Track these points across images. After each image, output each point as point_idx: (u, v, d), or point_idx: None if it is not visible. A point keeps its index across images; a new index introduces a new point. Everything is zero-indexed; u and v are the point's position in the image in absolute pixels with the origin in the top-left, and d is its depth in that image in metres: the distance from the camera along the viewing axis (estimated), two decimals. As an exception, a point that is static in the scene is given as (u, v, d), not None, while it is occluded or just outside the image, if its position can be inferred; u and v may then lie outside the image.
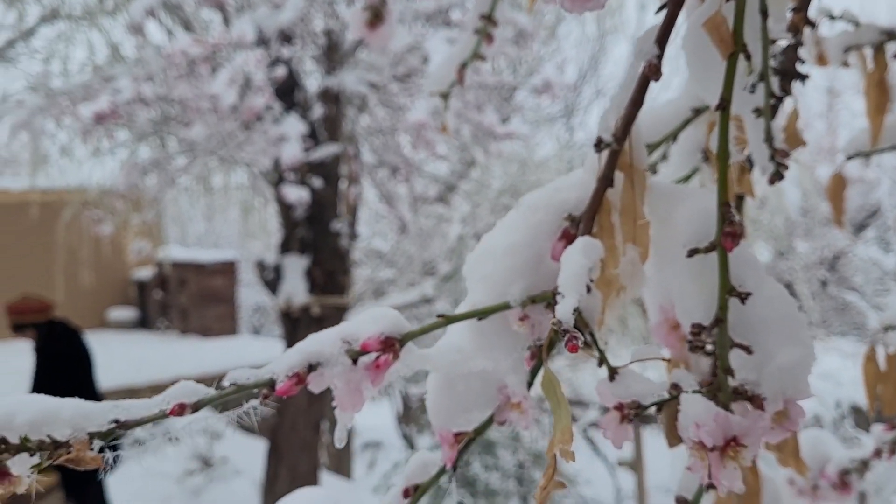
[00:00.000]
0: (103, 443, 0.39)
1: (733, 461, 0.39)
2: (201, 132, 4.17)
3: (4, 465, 0.38)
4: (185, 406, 0.40)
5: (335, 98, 4.69)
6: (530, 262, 0.43)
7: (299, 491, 0.54)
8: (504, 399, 0.45)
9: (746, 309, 0.41)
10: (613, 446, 0.43)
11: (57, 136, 5.47)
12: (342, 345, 0.42)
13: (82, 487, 4.30)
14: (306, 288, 4.84)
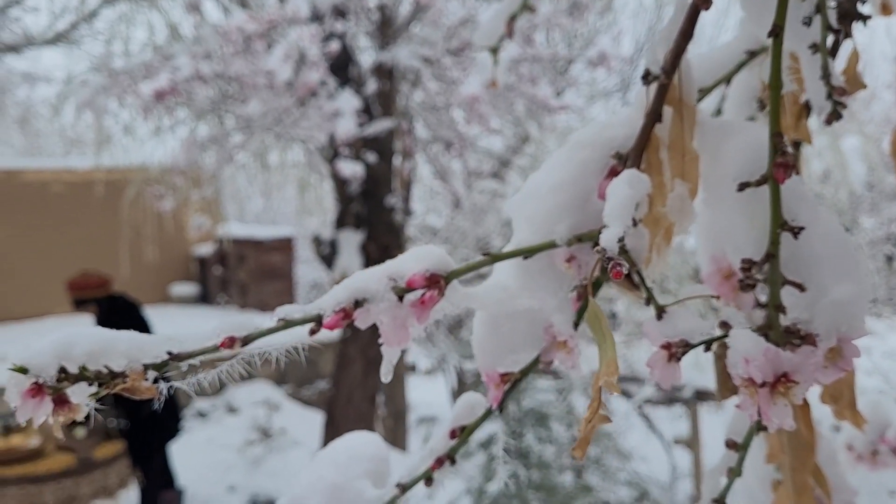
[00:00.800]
0: (157, 374, 0.40)
1: (784, 398, 0.39)
2: (257, 108, 4.23)
3: (64, 393, 0.39)
4: (234, 339, 0.41)
5: (389, 73, 4.69)
6: (577, 201, 0.43)
7: (351, 434, 0.55)
8: (550, 339, 0.45)
9: (799, 245, 0.40)
10: (661, 386, 0.43)
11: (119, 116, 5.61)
12: (388, 281, 0.42)
13: (148, 456, 4.44)
14: (361, 262, 4.89)
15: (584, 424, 0.40)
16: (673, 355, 0.42)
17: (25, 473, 3.95)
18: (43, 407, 0.40)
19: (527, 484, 3.06)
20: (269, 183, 8.87)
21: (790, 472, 0.62)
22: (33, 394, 0.40)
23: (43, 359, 0.39)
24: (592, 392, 0.40)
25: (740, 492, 0.77)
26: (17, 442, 4.18)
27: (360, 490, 0.52)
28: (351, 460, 0.54)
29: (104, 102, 4.87)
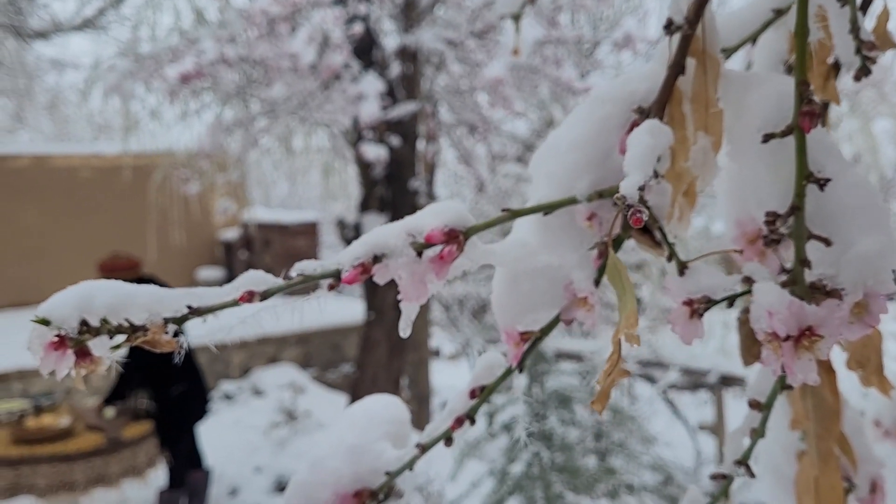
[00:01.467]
0: (177, 327, 0.41)
1: (808, 352, 0.38)
2: (282, 92, 4.24)
3: (86, 345, 0.40)
4: (253, 293, 0.41)
5: (413, 56, 4.68)
6: (598, 157, 0.42)
7: (371, 396, 0.55)
8: (570, 296, 0.44)
9: (825, 197, 0.40)
10: (683, 342, 0.42)
11: (146, 100, 5.65)
12: (407, 237, 0.42)
13: (176, 436, 4.50)
14: (385, 246, 4.90)
15: (604, 377, 0.40)
16: (695, 311, 0.42)
17: (56, 452, 4.02)
18: (65, 359, 0.40)
19: (550, 466, 3.06)
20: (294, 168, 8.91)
21: (815, 440, 0.62)
22: (56, 346, 0.40)
23: (64, 311, 0.39)
24: (612, 344, 0.40)
25: (765, 463, 0.76)
26: (48, 421, 4.26)
27: (380, 451, 0.52)
28: (371, 422, 0.54)
29: (131, 87, 4.91)
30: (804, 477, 0.64)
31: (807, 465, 0.63)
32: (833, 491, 0.63)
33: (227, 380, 7.22)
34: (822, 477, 0.62)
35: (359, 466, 0.52)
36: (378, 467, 0.51)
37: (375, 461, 0.52)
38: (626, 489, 3.32)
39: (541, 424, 3.13)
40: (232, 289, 0.41)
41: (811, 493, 0.64)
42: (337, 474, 0.52)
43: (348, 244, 1.98)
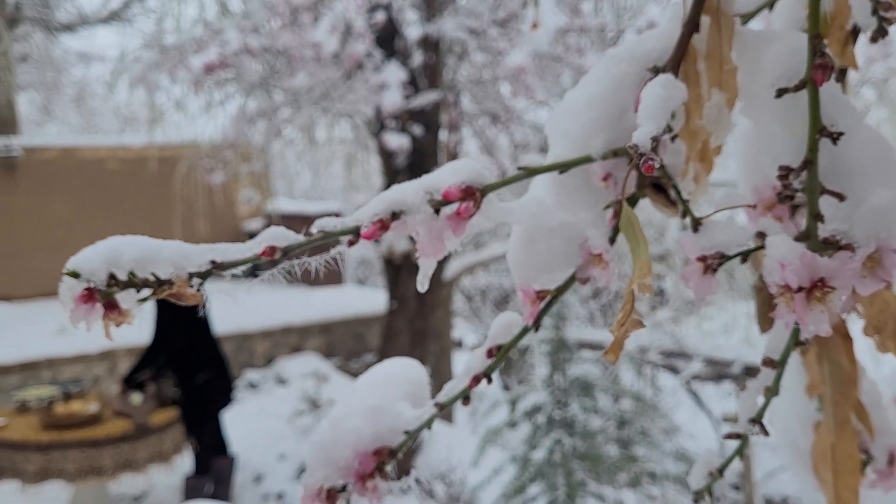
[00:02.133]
0: (201, 280, 0.42)
1: (820, 304, 0.38)
2: (304, 81, 4.26)
3: (114, 298, 0.41)
4: (275, 249, 0.42)
5: (435, 45, 4.68)
6: (613, 115, 0.43)
7: (390, 360, 0.56)
8: (585, 255, 0.45)
9: (838, 152, 0.40)
10: (696, 298, 0.43)
11: (171, 91, 5.71)
12: (424, 194, 0.43)
13: (201, 423, 4.56)
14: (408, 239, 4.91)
15: (617, 327, 0.41)
16: (709, 267, 0.42)
17: (85, 437, 4.09)
18: (94, 312, 0.41)
19: (571, 453, 3.07)
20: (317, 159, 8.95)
21: (831, 406, 0.62)
22: (85, 299, 0.41)
23: (93, 264, 0.41)
24: (625, 294, 0.40)
25: (783, 436, 0.76)
26: (76, 408, 4.33)
27: (399, 411, 0.53)
28: (390, 383, 0.55)
29: (156, 78, 4.96)
30: (820, 446, 0.64)
31: (823, 432, 0.63)
32: (850, 459, 0.63)
33: (251, 369, 7.29)
34: (838, 444, 0.62)
35: (378, 425, 0.53)
36: (397, 426, 0.52)
37: (395, 420, 0.53)
38: (648, 477, 3.32)
39: (563, 412, 3.14)
40: (254, 244, 0.42)
41: (827, 462, 0.64)
42: (357, 433, 0.53)
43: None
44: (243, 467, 5.20)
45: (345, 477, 0.53)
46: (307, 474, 0.54)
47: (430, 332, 5.62)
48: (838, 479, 0.66)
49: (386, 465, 0.53)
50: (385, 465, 0.53)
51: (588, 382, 3.13)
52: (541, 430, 3.11)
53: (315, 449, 0.55)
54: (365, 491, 0.53)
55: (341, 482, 0.53)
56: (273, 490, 5.00)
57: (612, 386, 3.28)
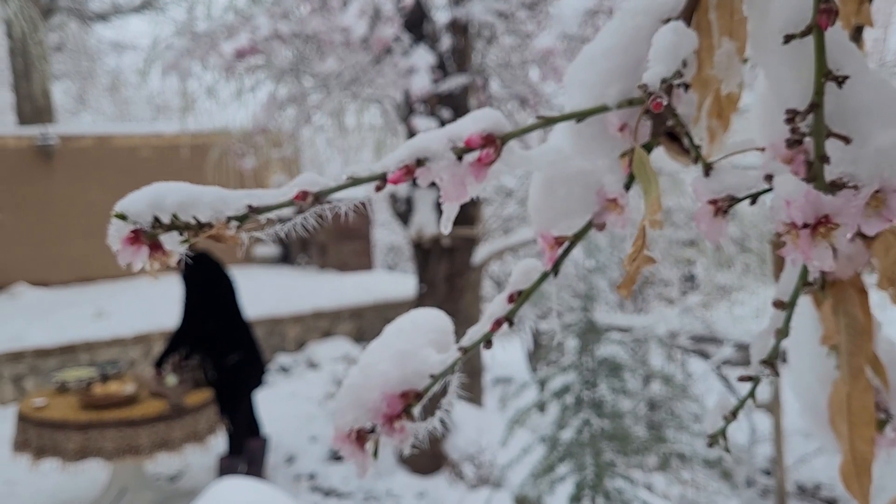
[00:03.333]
0: (239, 223, 0.45)
1: (825, 240, 0.40)
2: (334, 66, 4.29)
3: (158, 239, 0.44)
4: (307, 193, 0.45)
5: (463, 29, 4.69)
6: (628, 66, 0.45)
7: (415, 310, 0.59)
8: (602, 201, 0.47)
9: (844, 95, 0.41)
10: (708, 241, 0.44)
11: (203, 78, 5.78)
12: (448, 142, 0.45)
13: (234, 404, 4.64)
14: (437, 219, 4.94)
15: (629, 262, 0.43)
16: (719, 209, 0.44)
17: (122, 417, 4.19)
18: (140, 253, 0.44)
19: (600, 433, 3.08)
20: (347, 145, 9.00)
21: (846, 357, 0.63)
22: (131, 241, 0.44)
23: (138, 207, 0.44)
24: (637, 230, 0.42)
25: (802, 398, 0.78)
26: (114, 388, 4.43)
27: (425, 356, 0.56)
28: (416, 330, 0.58)
29: (188, 65, 5.02)
30: (836, 398, 0.65)
31: (839, 385, 0.65)
32: (864, 410, 0.65)
33: (283, 353, 7.39)
34: (852, 394, 0.64)
35: (405, 370, 0.56)
36: (423, 370, 0.55)
37: (421, 365, 0.55)
38: (677, 458, 3.32)
39: (591, 392, 3.15)
40: (287, 189, 0.45)
41: (843, 414, 0.66)
42: (385, 377, 0.56)
43: (400, 217, 2.09)
44: (276, 449, 5.29)
45: (373, 419, 0.56)
46: (337, 416, 0.56)
47: (460, 315, 5.65)
48: (853, 430, 0.67)
49: (412, 408, 0.56)
50: (412, 408, 0.56)
51: (616, 363, 3.14)
52: (569, 411, 3.13)
53: (345, 392, 0.57)
54: (392, 432, 0.56)
55: (370, 424, 0.56)
56: (305, 471, 5.08)
57: (641, 367, 3.29)
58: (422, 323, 0.59)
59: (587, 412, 3.10)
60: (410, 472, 4.96)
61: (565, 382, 3.22)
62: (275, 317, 7.34)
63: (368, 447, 0.58)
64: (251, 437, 4.79)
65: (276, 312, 7.35)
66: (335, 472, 5.04)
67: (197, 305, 4.55)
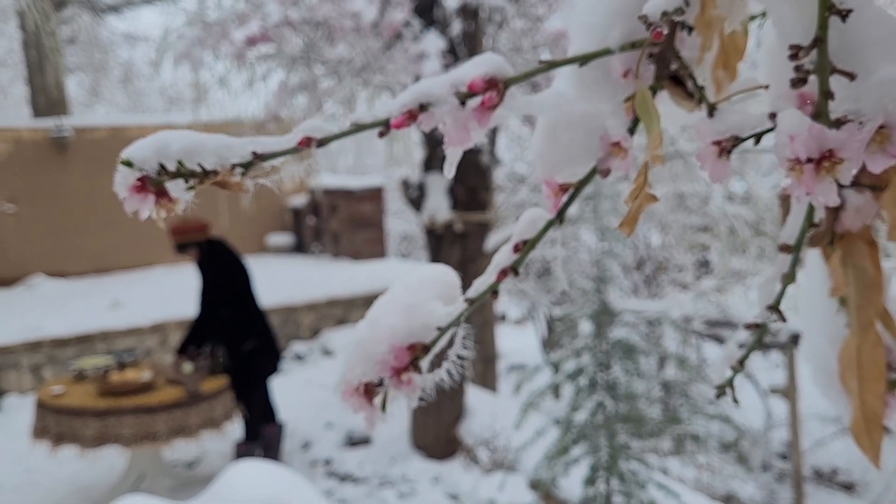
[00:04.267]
0: (244, 170, 0.45)
1: (829, 174, 0.40)
2: (344, 52, 4.29)
3: (163, 186, 0.44)
4: (311, 139, 0.45)
5: (474, 13, 4.67)
6: (630, 7, 0.45)
7: (422, 265, 0.59)
8: (605, 146, 0.47)
9: (848, 30, 0.41)
10: (711, 181, 0.44)
11: (214, 68, 5.79)
12: (451, 87, 0.45)
13: (250, 390, 4.67)
14: (449, 205, 4.94)
15: (630, 199, 0.43)
16: (723, 150, 0.44)
17: (139, 404, 4.23)
18: (147, 201, 0.45)
19: (614, 415, 3.08)
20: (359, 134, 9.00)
21: (855, 310, 0.63)
22: (138, 189, 0.45)
23: (144, 154, 0.44)
24: (639, 167, 0.42)
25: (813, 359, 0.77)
26: (130, 376, 4.47)
27: (432, 309, 0.56)
28: (423, 285, 0.58)
29: (200, 55, 5.03)
30: (846, 354, 0.65)
31: (849, 340, 0.64)
32: (874, 365, 0.64)
33: (297, 341, 7.42)
34: (862, 347, 0.64)
35: (412, 322, 0.56)
36: (430, 323, 0.55)
37: (427, 318, 0.56)
38: (691, 440, 3.32)
39: (605, 374, 3.15)
40: (292, 136, 0.45)
41: (853, 369, 0.65)
42: (392, 330, 0.56)
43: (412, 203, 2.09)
44: (291, 435, 5.32)
45: (381, 372, 0.56)
46: (346, 371, 0.57)
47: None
48: (863, 385, 0.67)
49: (420, 360, 0.56)
50: (419, 360, 0.56)
51: (630, 345, 3.13)
52: (583, 393, 3.13)
53: (354, 346, 0.58)
54: (400, 384, 0.56)
55: (378, 377, 0.56)
56: (321, 456, 5.11)
57: (655, 348, 3.28)
58: (429, 278, 0.59)
59: (601, 394, 3.10)
60: (425, 457, 4.98)
61: (579, 365, 3.22)
62: (289, 305, 7.37)
63: (377, 401, 0.59)
64: (267, 423, 4.82)
65: (290, 301, 7.38)
66: (351, 457, 5.07)
67: (214, 292, 4.58)
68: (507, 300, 11.63)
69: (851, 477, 7.60)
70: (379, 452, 5.10)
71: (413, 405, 0.58)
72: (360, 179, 9.72)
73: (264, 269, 7.28)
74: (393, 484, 4.67)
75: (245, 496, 2.54)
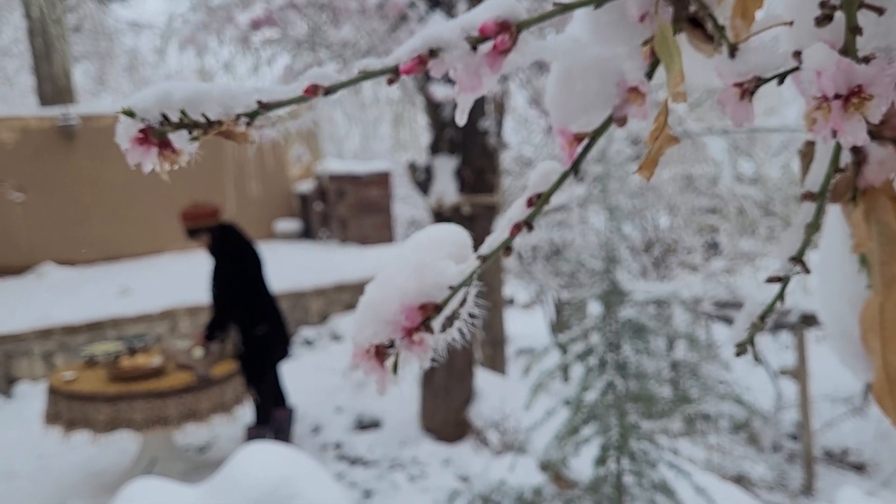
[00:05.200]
0: (249, 119, 0.43)
1: (858, 111, 0.38)
2: (349, 34, 4.27)
3: (167, 137, 0.43)
4: (318, 87, 0.44)
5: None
6: (647, -53, 0.43)
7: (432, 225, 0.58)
8: (622, 93, 0.45)
9: (877, -38, 0.39)
10: (733, 124, 0.43)
11: (219, 53, 5.77)
12: (461, 32, 0.44)
13: (260, 375, 4.68)
14: (456, 187, 4.92)
15: (651, 141, 0.41)
16: (745, 91, 0.42)
17: (150, 389, 4.24)
18: (150, 153, 0.44)
19: (624, 394, 3.07)
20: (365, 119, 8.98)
21: (878, 266, 0.61)
22: (140, 141, 0.43)
23: (147, 103, 0.43)
24: (659, 107, 0.41)
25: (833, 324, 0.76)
26: (141, 361, 4.48)
27: (443, 268, 0.55)
28: (434, 244, 0.57)
29: (204, 39, 5.01)
30: (868, 314, 0.63)
31: (871, 299, 0.63)
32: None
33: (306, 326, 7.43)
34: (885, 304, 0.62)
35: (423, 282, 0.54)
36: (441, 282, 0.54)
37: (439, 277, 0.54)
38: (702, 419, 3.31)
39: (615, 354, 3.14)
40: (298, 85, 0.44)
41: (875, 330, 0.64)
42: (403, 290, 0.55)
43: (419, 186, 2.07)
44: (302, 420, 5.33)
45: (392, 333, 0.55)
46: (356, 332, 0.55)
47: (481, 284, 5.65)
48: (887, 345, 0.66)
49: (431, 320, 0.55)
50: (430, 320, 0.55)
51: (640, 325, 3.12)
52: (593, 373, 3.12)
53: (364, 308, 0.56)
54: (412, 345, 0.55)
55: (389, 339, 0.55)
56: (331, 440, 5.12)
57: (664, 327, 3.27)
58: (439, 237, 0.57)
59: (611, 374, 3.09)
60: (435, 440, 4.99)
61: (588, 345, 3.21)
62: (298, 291, 7.38)
63: (388, 363, 0.57)
64: (277, 407, 4.83)
65: (299, 286, 7.39)
66: (361, 441, 5.08)
67: (225, 277, 4.57)
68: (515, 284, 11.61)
69: (862, 457, 7.59)
70: (389, 436, 5.11)
71: (425, 366, 0.57)
72: (366, 164, 9.70)
73: (273, 256, 7.28)
74: (403, 466, 4.68)
75: (256, 477, 2.54)
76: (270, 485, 2.54)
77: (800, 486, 6.46)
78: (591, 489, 3.12)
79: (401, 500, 4.29)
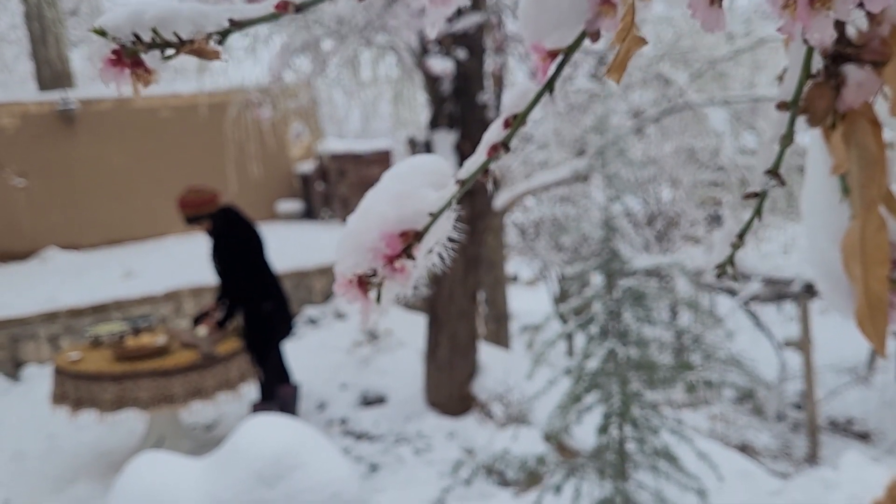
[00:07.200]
0: (220, 38, 0.44)
1: (824, 7, 0.38)
2: (346, 7, 4.24)
3: (139, 56, 0.43)
4: (288, 3, 0.44)
5: (477, -35, 4.60)
6: None
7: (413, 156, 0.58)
8: (594, 5, 0.45)
9: None
10: (703, 30, 0.43)
11: (216, 32, 5.75)
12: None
13: (264, 352, 4.70)
14: (456, 162, 4.91)
15: (617, 41, 0.41)
16: None
17: (156, 368, 4.27)
18: (123, 74, 0.44)
19: (626, 362, 3.08)
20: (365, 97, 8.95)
21: (858, 190, 0.61)
22: (113, 63, 0.44)
23: (118, 22, 0.43)
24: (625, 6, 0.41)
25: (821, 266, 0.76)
26: (146, 340, 4.51)
27: (423, 195, 0.55)
28: (414, 173, 0.57)
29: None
30: (849, 241, 0.63)
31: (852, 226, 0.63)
32: (878, 249, 0.62)
33: (310, 305, 7.46)
34: (866, 229, 0.62)
35: (403, 210, 0.55)
36: (421, 209, 0.54)
37: (419, 204, 0.54)
38: (704, 386, 3.32)
39: (616, 322, 3.14)
40: (268, 2, 0.44)
41: (856, 256, 0.64)
42: (383, 217, 0.55)
43: None
44: (307, 396, 5.37)
45: (374, 261, 0.55)
46: (338, 263, 0.55)
47: (483, 259, 5.65)
48: (867, 271, 0.66)
49: (412, 247, 0.55)
50: (412, 247, 0.55)
51: (640, 292, 3.12)
52: (595, 341, 3.13)
53: (345, 238, 0.57)
54: (393, 272, 0.55)
55: (371, 267, 0.55)
56: (336, 416, 5.15)
57: (665, 294, 3.27)
58: (420, 166, 0.58)
59: (612, 341, 3.09)
60: (440, 414, 5.02)
61: (590, 313, 3.22)
62: (301, 270, 7.39)
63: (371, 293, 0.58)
64: (282, 384, 4.85)
65: (302, 266, 7.40)
66: (366, 416, 5.11)
67: (228, 261, 4.57)
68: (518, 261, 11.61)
69: (867, 426, 7.61)
70: (394, 411, 5.14)
71: (408, 293, 0.57)
72: (367, 143, 9.68)
73: (275, 236, 7.29)
74: (408, 440, 4.71)
75: (260, 448, 2.56)
76: (274, 455, 2.56)
77: (804, 454, 6.49)
78: (594, 457, 3.14)
79: (406, 472, 4.33)
